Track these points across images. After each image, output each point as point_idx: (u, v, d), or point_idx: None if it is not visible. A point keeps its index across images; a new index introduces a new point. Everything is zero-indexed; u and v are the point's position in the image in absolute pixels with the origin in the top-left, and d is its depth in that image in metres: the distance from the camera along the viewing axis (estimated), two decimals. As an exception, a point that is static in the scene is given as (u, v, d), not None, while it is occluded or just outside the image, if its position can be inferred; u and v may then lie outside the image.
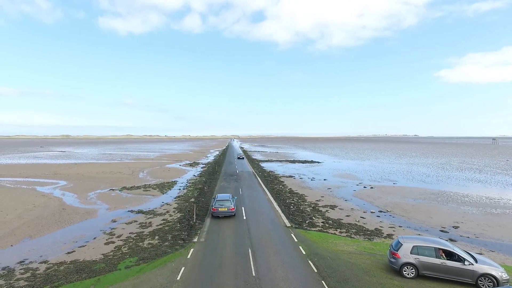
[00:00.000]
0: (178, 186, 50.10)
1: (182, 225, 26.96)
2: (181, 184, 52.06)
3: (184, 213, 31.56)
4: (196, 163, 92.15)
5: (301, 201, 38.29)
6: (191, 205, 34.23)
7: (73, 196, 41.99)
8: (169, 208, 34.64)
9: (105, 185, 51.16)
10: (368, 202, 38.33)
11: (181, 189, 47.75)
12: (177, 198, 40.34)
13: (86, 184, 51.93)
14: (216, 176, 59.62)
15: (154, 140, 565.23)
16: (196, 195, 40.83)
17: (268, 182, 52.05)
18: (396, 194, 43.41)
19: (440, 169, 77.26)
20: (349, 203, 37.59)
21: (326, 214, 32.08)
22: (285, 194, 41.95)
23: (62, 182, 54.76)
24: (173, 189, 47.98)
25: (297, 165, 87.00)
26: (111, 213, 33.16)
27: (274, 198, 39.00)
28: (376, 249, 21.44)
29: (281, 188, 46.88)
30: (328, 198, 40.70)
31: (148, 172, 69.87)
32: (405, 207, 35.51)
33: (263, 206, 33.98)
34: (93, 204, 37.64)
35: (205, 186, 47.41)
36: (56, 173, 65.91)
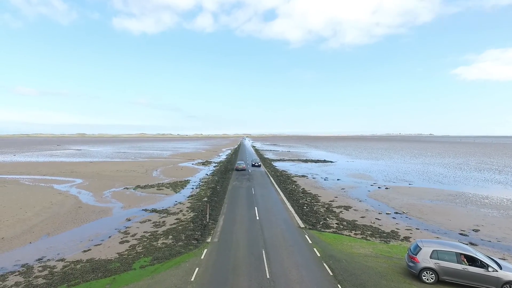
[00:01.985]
0: (191, 185, 50.37)
1: (195, 225, 27.01)
2: (194, 183, 52.33)
3: (197, 212, 31.66)
4: (208, 162, 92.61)
5: (314, 201, 37.86)
6: (204, 204, 34.33)
7: (88, 195, 42.76)
8: (182, 207, 34.82)
9: (120, 184, 51.92)
10: (383, 203, 37.56)
11: (194, 188, 47.98)
12: (190, 197, 40.54)
13: (101, 183, 52.84)
14: (229, 175, 59.69)
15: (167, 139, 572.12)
16: (209, 195, 40.93)
17: (280, 182, 51.76)
18: (412, 195, 42.41)
19: (458, 169, 75.19)
20: (363, 204, 36.93)
21: (341, 215, 31.58)
22: (298, 194, 41.58)
23: (78, 180, 55.89)
24: (186, 188, 48.27)
25: (309, 164, 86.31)
26: (125, 212, 33.57)
27: (287, 198, 38.70)
28: (393, 252, 20.91)
29: (294, 188, 46.51)
30: (342, 198, 40.10)
31: (161, 171, 70.59)
32: (421, 209, 34.61)
33: (276, 206, 33.76)
34: (108, 202, 38.22)
35: (217, 186, 47.49)
36: (73, 171, 67.36)
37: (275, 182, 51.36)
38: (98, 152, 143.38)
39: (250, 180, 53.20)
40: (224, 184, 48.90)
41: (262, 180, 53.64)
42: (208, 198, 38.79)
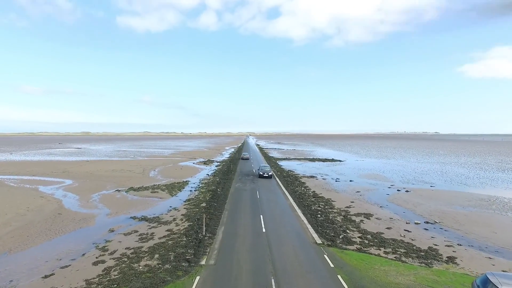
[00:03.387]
0: (189, 187, 45.75)
1: (188, 239, 22.32)
2: (193, 185, 47.70)
3: (193, 222, 26.97)
4: (210, 161, 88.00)
5: (328, 207, 32.98)
6: (201, 211, 29.66)
7: (74, 198, 38.26)
8: (176, 215, 30.15)
9: (112, 185, 47.47)
10: (408, 210, 32.58)
11: (193, 190, 43.36)
12: (186, 202, 35.88)
13: (93, 184, 48.40)
14: (231, 176, 54.96)
15: (170, 137, 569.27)
16: (208, 199, 36.23)
17: (288, 184, 46.92)
18: (438, 200, 37.35)
19: (478, 169, 69.74)
20: (385, 211, 31.99)
21: (362, 225, 26.70)
22: (309, 199, 36.71)
23: (68, 181, 51.51)
24: (184, 190, 43.66)
25: (317, 163, 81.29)
26: (110, 220, 28.98)
27: (297, 203, 33.87)
28: (443, 281, 16.06)
29: (304, 191, 41.64)
30: (359, 203, 35.18)
31: (160, 170, 66.07)
32: (455, 217, 29.60)
33: (285, 215, 28.96)
34: (94, 208, 33.66)
35: (218, 188, 42.78)
36: (65, 171, 63.08)
37: (282, 184, 46.54)
38: (98, 151, 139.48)
39: (254, 181, 48.46)
40: (225, 186, 44.18)
41: (268, 181, 48.87)
42: (206, 203, 34.08)
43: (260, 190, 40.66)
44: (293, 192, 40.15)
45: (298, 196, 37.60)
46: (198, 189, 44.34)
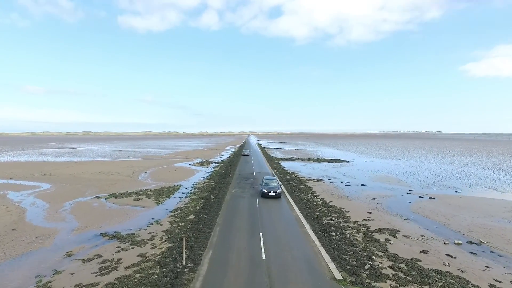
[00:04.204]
0: (179, 193, 40.09)
1: (162, 271, 16.63)
2: (185, 190, 42.05)
3: (175, 242, 21.27)
4: (208, 161, 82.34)
5: (342, 220, 27.18)
6: (186, 228, 23.96)
7: (42, 208, 32.64)
8: (156, 231, 24.48)
9: (93, 191, 41.91)
10: (440, 224, 26.74)
11: (183, 197, 37.72)
12: (173, 213, 30.20)
13: (71, 189, 42.82)
14: (228, 179, 49.23)
15: (171, 137, 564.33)
16: (198, 209, 30.51)
17: (292, 189, 41.12)
18: (472, 210, 31.46)
19: (500, 171, 63.67)
20: (413, 225, 26.17)
21: (389, 247, 20.90)
22: (318, 209, 30.90)
23: (45, 185, 45.99)
24: (173, 197, 38.00)
25: (322, 164, 75.40)
26: (74, 238, 23.35)
27: (304, 215, 28.09)
28: None
29: (311, 199, 35.83)
30: (378, 215, 29.37)
31: (152, 172, 60.44)
32: (504, 235, 23.73)
33: (290, 232, 23.18)
34: (60, 220, 28.03)
35: (212, 195, 37.03)
36: (47, 174, 57.54)
37: (286, 189, 40.76)
38: (93, 151, 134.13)
39: (254, 186, 42.73)
40: (221, 193, 38.43)
41: (269, 186, 43.13)
42: (196, 215, 28.35)
43: (260, 198, 34.92)
44: (298, 200, 34.36)
45: (305, 206, 31.79)
46: (189, 195, 38.67)
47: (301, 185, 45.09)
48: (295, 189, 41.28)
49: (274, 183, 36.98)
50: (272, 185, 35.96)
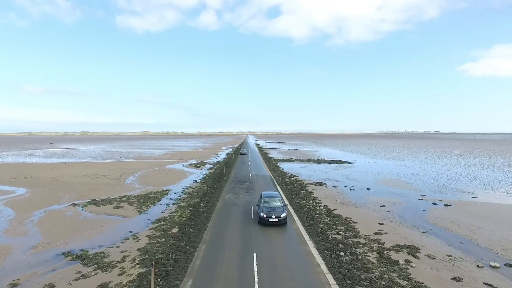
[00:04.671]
0: (167, 200, 36.15)
1: (123, 314, 12.62)
2: (173, 196, 38.10)
3: (148, 267, 17.31)
4: (203, 163, 78.34)
5: (351, 234, 23.24)
6: (163, 251, 19.97)
7: (5, 218, 28.53)
8: (131, 249, 20.51)
9: (71, 196, 37.92)
10: (465, 238, 22.85)
11: (170, 204, 33.77)
12: (155, 224, 26.25)
13: (47, 195, 38.78)
14: (222, 183, 45.29)
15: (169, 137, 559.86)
16: (184, 220, 26.54)
17: (292, 194, 37.20)
18: (498, 220, 27.58)
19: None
20: (433, 240, 22.28)
21: (411, 272, 16.99)
22: (321, 219, 26.96)
23: (21, 190, 41.96)
24: (159, 204, 34.06)
25: (323, 166, 71.50)
26: (29, 260, 19.34)
27: (306, 228, 24.14)
28: None
29: (313, 206, 31.89)
30: (391, 226, 25.47)
31: (140, 175, 56.39)
32: (545, 254, 19.85)
33: (291, 252, 19.22)
34: (21, 235, 24.00)
35: (202, 202, 33.07)
36: (27, 177, 53.39)
37: (285, 195, 36.83)
38: (85, 151, 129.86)
39: (249, 191, 38.83)
40: (212, 199, 34.48)
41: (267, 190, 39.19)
42: (180, 227, 24.37)
43: (255, 205, 30.99)
44: (299, 208, 30.43)
45: (306, 215, 27.86)
46: (177, 202, 34.70)
47: (301, 189, 41.15)
48: (295, 194, 37.32)
49: (276, 202, 25.99)
50: (273, 206, 25.29)
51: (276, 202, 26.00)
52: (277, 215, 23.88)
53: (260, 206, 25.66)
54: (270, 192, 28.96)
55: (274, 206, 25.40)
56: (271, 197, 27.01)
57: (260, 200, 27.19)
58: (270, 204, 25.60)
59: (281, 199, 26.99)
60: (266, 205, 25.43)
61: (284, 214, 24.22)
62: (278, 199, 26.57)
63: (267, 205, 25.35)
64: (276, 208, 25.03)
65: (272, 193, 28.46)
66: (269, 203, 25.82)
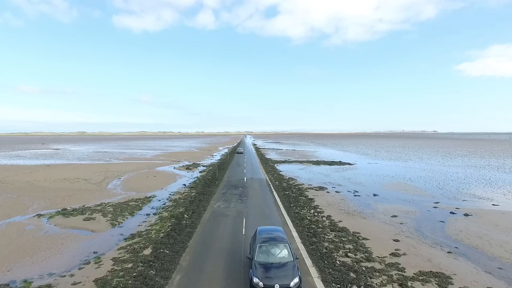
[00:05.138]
0: (148, 209, 31.85)
1: None
2: (156, 204, 33.79)
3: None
4: (196, 164, 73.98)
5: (362, 256, 18.98)
6: (125, 284, 15.62)
7: (-50, 234, 24.14)
8: (86, 280, 16.19)
9: (41, 205, 33.52)
10: (502, 261, 18.66)
11: (150, 214, 29.49)
12: (127, 242, 21.95)
13: (14, 203, 34.33)
14: (213, 188, 41.02)
15: (166, 137, 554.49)
16: (161, 237, 22.19)
17: (290, 202, 32.91)
18: (531, 235, 23.45)
19: (526, 175, 55.99)
20: (464, 264, 18.08)
21: (449, 317, 12.73)
22: (325, 235, 22.71)
23: (-14, 197, 37.44)
24: (138, 214, 29.78)
25: (323, 167, 67.31)
26: (-49, 297, 14.97)
27: (308, 248, 19.87)
28: None
29: (314, 217, 27.63)
30: (409, 244, 21.26)
31: (126, 179, 51.95)
32: None
33: (289, 286, 14.78)
34: (-43, 258, 19.60)
35: (187, 212, 28.75)
36: (1, 182, 48.81)
37: (282, 203, 32.53)
38: (75, 152, 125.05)
39: (242, 198, 34.54)
40: (199, 208, 30.17)
41: (262, 197, 34.98)
42: (154, 248, 20.03)
43: (248, 217, 26.74)
44: (298, 220, 26.18)
45: (307, 230, 23.60)
46: (159, 211, 30.39)
47: (301, 195, 36.90)
48: (294, 202, 33.03)
49: (281, 251, 15.28)
50: (276, 262, 14.66)
51: (281, 251, 15.26)
52: (283, 283, 13.43)
53: (252, 259, 14.88)
54: (270, 229, 17.76)
55: (277, 260, 14.68)
56: (271, 240, 15.81)
57: (253, 244, 16.24)
58: (270, 257, 14.84)
59: (289, 246, 15.63)
60: (262, 258, 14.71)
61: (296, 280, 13.64)
62: (283, 245, 15.53)
63: (264, 260, 14.63)
64: (281, 265, 14.36)
65: (273, 232, 17.00)
66: (268, 253, 15.03)
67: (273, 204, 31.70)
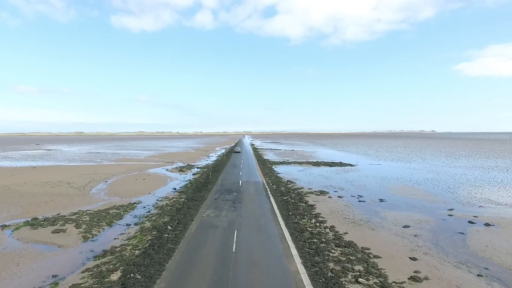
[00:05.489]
0: (130, 217, 28.49)
1: None
2: (140, 212, 30.39)
3: None
4: (190, 166, 70.54)
5: (376, 282, 15.61)
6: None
7: None
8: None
9: (10, 213, 30.05)
10: (546, 288, 15.34)
11: (131, 225, 26.13)
12: (95, 261, 18.52)
13: (-19, 211, 30.80)
14: (205, 193, 37.58)
15: (164, 137, 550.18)
16: (136, 255, 18.76)
17: (288, 210, 29.51)
18: None
19: (538, 177, 52.76)
20: (502, 293, 14.75)
21: None
22: (330, 252, 19.33)
23: (-47, 204, 33.88)
24: (117, 224, 26.42)
25: (324, 169, 63.98)
26: None
27: (310, 272, 16.46)
28: None
29: (316, 228, 24.25)
30: (429, 263, 17.92)
31: (113, 182, 48.45)
32: None
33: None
34: None
35: (172, 222, 25.29)
36: (-23, 185, 45.23)
37: (280, 211, 29.13)
38: (67, 153, 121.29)
39: (236, 204, 31.11)
40: (186, 217, 26.72)
41: (258, 204, 31.56)
42: (124, 271, 16.56)
43: (241, 229, 23.33)
44: (298, 233, 22.76)
45: (308, 245, 20.20)
46: (141, 221, 27.00)
47: (300, 201, 33.54)
48: (293, 209, 29.62)
49: None
50: None
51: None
52: None
53: None
54: None
55: None
56: None
57: None
58: None
59: None
60: None
61: None
62: None
63: None
64: None
65: None
66: None
67: (269, 213, 28.31)
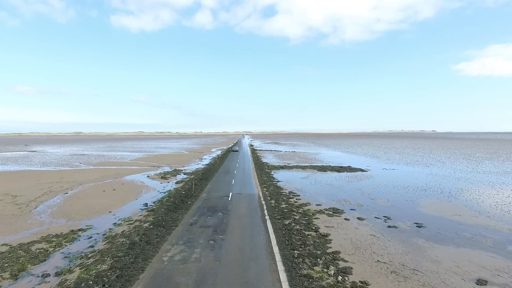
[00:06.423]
0: (53, 262, 19.13)
1: None
2: (77, 247, 21.07)
3: None
4: (177, 171, 61.28)
5: None
6: None
7: None
8: None
9: None
10: None
11: (50, 276, 16.82)
12: None
13: None
14: (181, 213, 28.21)
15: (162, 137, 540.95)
16: None
17: (293, 245, 20.07)
18: None
19: None
20: None
21: None
22: None
23: None
24: (26, 276, 17.12)
25: (331, 175, 54.60)
26: None
27: None
28: None
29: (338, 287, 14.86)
30: None
31: (72, 195, 39.07)
32: None
33: None
34: None
35: (106, 278, 15.92)
36: None
37: (280, 249, 19.66)
38: (48, 155, 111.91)
39: (217, 235, 21.65)
40: (136, 264, 17.33)
41: (248, 236, 22.09)
42: None
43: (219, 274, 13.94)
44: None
45: None
46: (68, 268, 17.64)
47: (308, 227, 24.19)
48: (298, 244, 20.17)
49: None
50: None
51: None
52: None
53: None
54: None
55: None
56: None
57: None
58: None
59: None
60: None
61: None
62: None
63: None
64: None
65: None
66: None
67: (264, 253, 18.91)
